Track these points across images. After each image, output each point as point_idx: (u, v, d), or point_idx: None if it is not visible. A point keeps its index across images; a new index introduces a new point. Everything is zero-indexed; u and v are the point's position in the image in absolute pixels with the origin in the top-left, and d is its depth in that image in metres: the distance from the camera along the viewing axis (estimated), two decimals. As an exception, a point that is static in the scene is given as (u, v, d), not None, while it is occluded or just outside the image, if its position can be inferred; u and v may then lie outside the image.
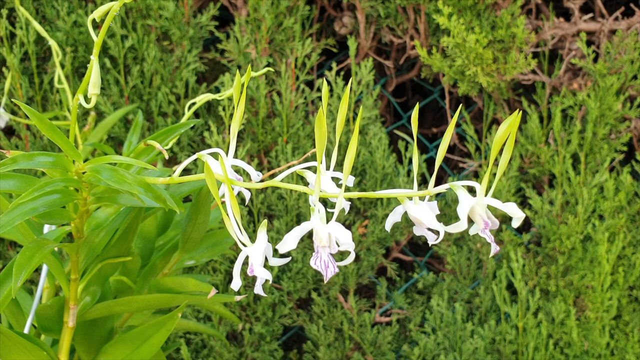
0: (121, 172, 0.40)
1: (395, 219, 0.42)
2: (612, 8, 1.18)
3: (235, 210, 0.39)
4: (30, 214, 0.39)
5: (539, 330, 1.01)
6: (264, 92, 1.06)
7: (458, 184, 0.41)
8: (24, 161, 0.39)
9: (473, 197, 0.40)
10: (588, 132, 1.06)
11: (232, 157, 0.44)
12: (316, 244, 0.38)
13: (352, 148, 0.38)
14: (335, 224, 0.38)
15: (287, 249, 0.38)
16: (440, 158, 0.41)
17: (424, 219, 0.40)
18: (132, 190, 0.39)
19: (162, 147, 0.41)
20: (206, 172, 0.37)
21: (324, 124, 0.37)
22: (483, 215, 0.41)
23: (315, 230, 0.38)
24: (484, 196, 0.40)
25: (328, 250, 0.38)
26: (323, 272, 0.37)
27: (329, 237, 0.38)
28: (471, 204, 0.40)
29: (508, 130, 0.39)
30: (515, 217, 0.41)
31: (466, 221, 0.40)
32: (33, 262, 0.41)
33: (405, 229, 1.10)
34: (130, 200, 0.44)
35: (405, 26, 1.15)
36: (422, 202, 0.41)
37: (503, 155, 0.40)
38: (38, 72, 1.07)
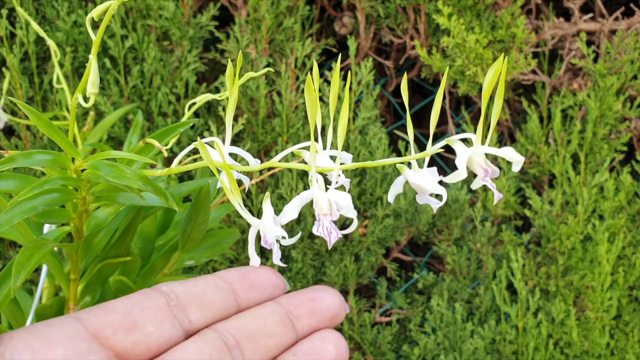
0: (120, 167, 0.40)
1: (397, 190, 0.43)
2: (612, 8, 1.18)
3: (235, 192, 0.40)
4: (29, 213, 0.39)
5: (539, 330, 1.01)
6: (264, 92, 1.06)
7: (455, 137, 0.42)
8: (22, 159, 0.39)
9: (470, 148, 0.41)
10: (588, 132, 1.06)
11: (228, 145, 0.44)
12: (317, 212, 0.38)
13: (343, 116, 0.38)
14: (334, 190, 0.39)
15: (287, 220, 0.39)
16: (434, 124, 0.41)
17: (425, 184, 0.41)
18: (132, 184, 0.39)
19: (161, 145, 0.41)
20: (203, 154, 0.38)
21: (313, 91, 0.37)
22: (482, 163, 0.41)
23: (315, 198, 0.39)
24: (480, 145, 0.41)
25: (330, 217, 0.39)
26: (326, 237, 0.38)
27: (329, 204, 0.39)
28: (469, 154, 0.41)
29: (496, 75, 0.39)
30: (514, 161, 0.41)
31: (465, 170, 0.40)
32: (32, 262, 0.41)
33: (405, 229, 1.10)
34: (129, 199, 0.44)
35: (405, 26, 1.15)
36: (422, 169, 0.42)
37: (495, 104, 0.40)
38: (38, 72, 1.07)
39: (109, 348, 0.35)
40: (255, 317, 0.39)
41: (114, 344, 0.35)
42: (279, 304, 0.40)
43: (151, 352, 0.36)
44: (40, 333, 0.34)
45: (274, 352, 0.39)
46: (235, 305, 0.40)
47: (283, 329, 0.39)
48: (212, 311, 0.39)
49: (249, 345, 0.38)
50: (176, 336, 0.37)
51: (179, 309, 0.38)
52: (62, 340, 0.34)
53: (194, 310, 0.38)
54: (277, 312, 0.40)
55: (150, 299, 0.37)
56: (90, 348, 0.34)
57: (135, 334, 0.36)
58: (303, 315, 0.40)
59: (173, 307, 0.38)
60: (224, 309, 0.39)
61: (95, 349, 0.34)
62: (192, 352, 0.36)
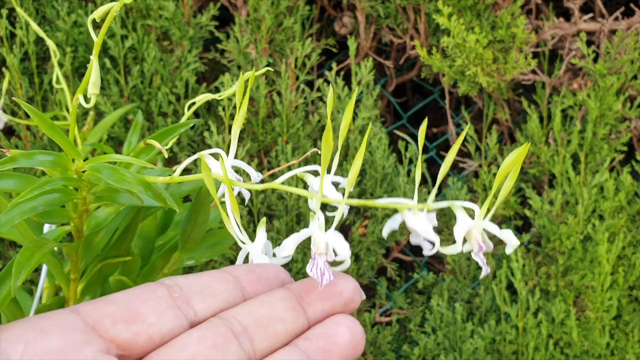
0: (121, 171, 0.40)
1: (393, 227, 0.43)
2: (612, 8, 1.18)
3: (234, 210, 0.40)
4: (30, 213, 0.39)
5: (539, 330, 1.01)
6: (264, 92, 1.06)
7: (458, 204, 0.41)
8: (24, 159, 0.39)
9: (471, 220, 0.40)
10: (588, 132, 1.06)
11: (232, 158, 0.44)
12: (313, 250, 0.38)
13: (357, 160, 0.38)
14: (333, 233, 0.38)
15: (285, 255, 0.39)
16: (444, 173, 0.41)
17: (421, 231, 0.40)
18: (132, 189, 0.39)
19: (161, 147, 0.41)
20: (203, 170, 0.38)
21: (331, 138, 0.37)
22: (479, 238, 0.41)
23: (313, 237, 0.38)
24: (482, 220, 0.40)
25: (325, 257, 0.38)
26: (319, 279, 0.37)
27: (327, 246, 0.38)
28: (468, 227, 0.40)
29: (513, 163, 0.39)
30: (510, 244, 0.41)
31: (461, 244, 0.40)
32: (32, 262, 0.41)
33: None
34: (129, 200, 0.44)
35: (405, 26, 1.15)
36: (421, 212, 0.41)
37: (505, 184, 0.40)
38: (38, 72, 1.07)
39: (108, 339, 0.34)
40: (264, 303, 0.37)
41: (114, 336, 0.34)
42: (289, 289, 0.38)
43: (154, 343, 0.35)
44: (34, 324, 0.32)
45: (284, 338, 0.37)
46: (241, 298, 0.38)
47: (294, 315, 0.37)
48: (217, 303, 0.37)
49: (258, 332, 0.36)
50: (180, 327, 0.36)
51: (183, 300, 0.37)
52: (58, 331, 0.32)
53: (199, 301, 0.37)
54: (287, 297, 0.38)
55: (152, 291, 0.36)
56: (88, 338, 0.33)
57: (136, 325, 0.34)
58: (315, 301, 0.38)
59: (176, 299, 0.36)
60: (230, 301, 0.38)
61: (92, 340, 0.33)
62: (195, 339, 0.35)
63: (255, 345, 0.36)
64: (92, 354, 0.32)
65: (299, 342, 0.37)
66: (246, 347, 0.36)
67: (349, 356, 0.37)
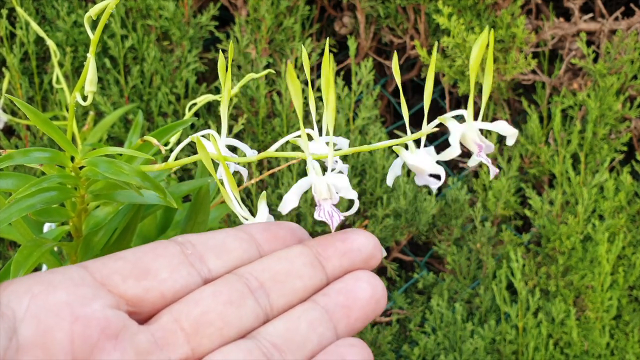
0: (118, 163, 0.40)
1: (395, 173, 0.42)
2: (612, 8, 1.18)
3: (232, 187, 0.39)
4: (27, 211, 0.39)
5: (539, 330, 1.01)
6: (263, 92, 1.06)
7: (447, 115, 0.41)
8: (20, 157, 0.39)
9: (462, 125, 0.40)
10: (588, 132, 1.06)
11: (225, 137, 0.44)
12: (317, 198, 0.38)
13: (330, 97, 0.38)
14: (331, 173, 0.38)
15: (288, 209, 0.38)
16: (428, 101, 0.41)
17: (423, 165, 0.40)
18: (130, 180, 0.39)
19: (158, 143, 0.41)
20: (199, 149, 0.37)
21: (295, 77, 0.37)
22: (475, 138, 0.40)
23: (313, 184, 0.38)
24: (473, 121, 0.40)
25: (330, 201, 0.38)
26: (329, 221, 0.37)
27: (329, 189, 0.38)
28: (462, 130, 0.40)
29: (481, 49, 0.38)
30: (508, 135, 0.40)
31: (458, 146, 0.39)
32: (31, 261, 0.41)
33: (405, 229, 1.10)
34: (128, 197, 0.44)
35: (405, 26, 1.15)
36: (419, 149, 0.41)
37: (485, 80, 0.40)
38: (38, 72, 1.07)
39: (118, 295, 0.32)
40: (281, 259, 0.36)
41: (124, 291, 0.32)
42: (306, 246, 0.37)
43: (166, 299, 0.33)
44: (41, 278, 0.31)
45: (302, 294, 0.36)
46: (257, 255, 0.37)
47: (312, 270, 0.36)
48: (232, 260, 0.36)
49: (275, 287, 0.35)
50: (194, 283, 0.34)
51: (196, 257, 0.35)
52: (66, 285, 0.31)
53: (213, 258, 0.35)
54: (305, 253, 0.36)
55: (164, 248, 0.35)
56: (97, 293, 0.31)
57: (147, 281, 0.33)
58: (333, 256, 0.36)
59: (189, 256, 0.35)
60: (245, 259, 0.36)
61: (101, 294, 0.31)
62: (209, 295, 0.33)
63: (272, 301, 0.35)
64: (101, 308, 0.31)
65: (318, 298, 0.36)
66: (263, 303, 0.35)
67: (370, 312, 0.36)
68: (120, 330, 0.31)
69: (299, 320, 0.35)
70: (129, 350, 0.30)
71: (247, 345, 0.33)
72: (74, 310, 0.30)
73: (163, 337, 0.32)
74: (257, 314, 0.34)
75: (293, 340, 0.34)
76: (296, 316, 0.35)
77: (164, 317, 0.33)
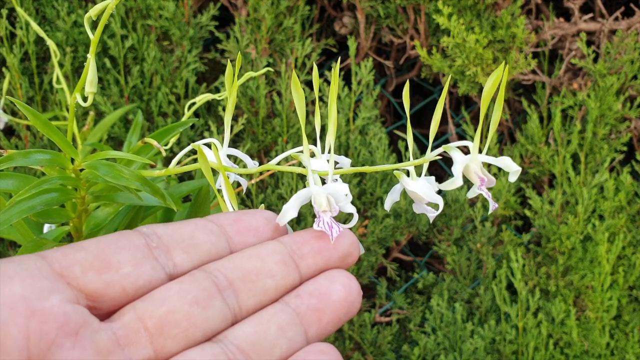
0: (118, 167, 0.40)
1: (394, 198, 0.42)
2: (612, 8, 1.18)
3: (231, 197, 0.39)
4: (28, 212, 0.39)
5: (539, 330, 1.01)
6: (263, 92, 1.06)
7: (452, 145, 0.41)
8: (21, 159, 0.39)
9: (466, 155, 0.40)
10: (588, 132, 1.06)
11: (227, 147, 0.44)
12: (316, 209, 0.38)
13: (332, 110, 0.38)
14: (331, 183, 0.38)
15: (287, 219, 0.38)
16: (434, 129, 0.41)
17: (422, 193, 0.40)
18: (130, 185, 0.39)
19: (159, 145, 0.41)
20: (200, 158, 0.37)
21: (299, 87, 0.37)
22: (478, 171, 0.40)
23: (313, 195, 0.38)
24: (477, 153, 0.40)
25: (329, 213, 0.38)
26: (328, 232, 0.37)
27: (328, 200, 0.38)
28: (465, 162, 0.40)
29: (494, 85, 0.38)
30: (511, 172, 0.40)
31: (461, 178, 0.39)
32: (32, 262, 0.41)
33: (405, 229, 1.10)
34: (128, 199, 0.44)
35: (405, 26, 1.15)
36: (419, 177, 0.41)
37: (494, 115, 0.40)
38: (38, 72, 1.07)
39: (77, 288, 0.30)
40: (252, 257, 0.34)
41: (84, 284, 0.30)
42: (280, 242, 0.35)
43: (128, 295, 0.31)
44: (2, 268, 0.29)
45: (274, 294, 0.34)
46: (227, 250, 0.35)
47: (284, 269, 0.34)
48: (200, 254, 0.34)
49: (244, 287, 0.33)
50: (157, 279, 0.32)
51: (161, 250, 0.33)
52: (22, 276, 0.29)
53: (179, 252, 0.33)
54: (278, 250, 0.35)
55: (128, 239, 0.33)
56: (55, 286, 0.29)
57: (108, 274, 0.31)
58: (308, 255, 0.35)
59: (154, 249, 0.33)
60: (213, 253, 0.35)
61: (60, 288, 0.29)
62: (175, 293, 0.32)
63: (242, 302, 0.33)
64: (59, 303, 0.29)
65: (290, 299, 0.34)
66: (231, 303, 0.33)
67: (343, 315, 0.34)
68: (80, 326, 0.29)
69: (269, 324, 0.33)
70: (89, 348, 0.29)
71: (212, 349, 0.32)
72: (30, 304, 0.28)
73: (125, 336, 0.30)
74: (225, 315, 0.33)
75: (261, 345, 0.33)
76: (266, 319, 0.33)
77: (127, 314, 0.31)
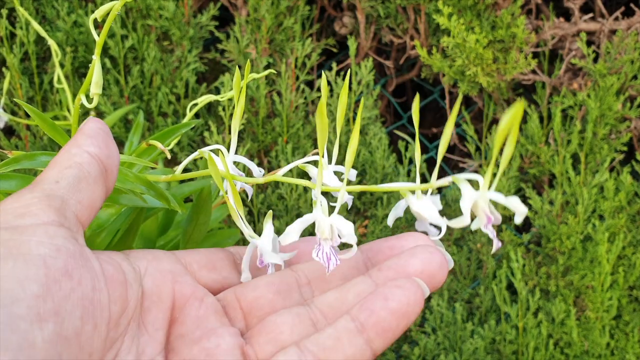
0: (124, 170, 0.40)
1: (397, 214, 0.42)
2: (612, 8, 1.18)
3: (238, 205, 0.40)
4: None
5: (539, 330, 1.01)
6: (264, 92, 1.06)
7: (461, 176, 0.39)
8: (27, 161, 0.39)
9: (476, 191, 0.39)
10: (588, 132, 1.06)
11: (233, 154, 0.44)
12: (318, 236, 0.38)
13: (353, 141, 0.38)
14: (337, 216, 0.38)
15: (289, 241, 0.38)
16: (442, 153, 0.40)
17: (427, 214, 0.40)
18: (135, 188, 0.39)
19: (164, 147, 0.41)
20: (210, 165, 0.38)
21: (325, 115, 0.37)
22: (486, 209, 0.39)
23: (317, 222, 0.38)
24: (487, 190, 0.39)
25: (330, 242, 0.38)
26: (325, 264, 0.37)
27: (331, 229, 0.38)
28: (474, 198, 0.39)
29: (510, 123, 0.37)
30: (518, 213, 0.39)
31: (469, 216, 0.38)
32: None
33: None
34: (132, 201, 0.44)
35: (405, 26, 1.15)
36: (425, 196, 0.41)
37: (505, 151, 0.38)
38: (38, 72, 1.07)
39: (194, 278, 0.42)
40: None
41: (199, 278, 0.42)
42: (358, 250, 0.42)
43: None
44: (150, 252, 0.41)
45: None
46: None
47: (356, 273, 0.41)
48: None
49: (319, 285, 0.41)
50: None
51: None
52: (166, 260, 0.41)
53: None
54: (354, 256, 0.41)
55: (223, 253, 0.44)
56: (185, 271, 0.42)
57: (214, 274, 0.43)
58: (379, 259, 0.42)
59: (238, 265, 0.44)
60: None
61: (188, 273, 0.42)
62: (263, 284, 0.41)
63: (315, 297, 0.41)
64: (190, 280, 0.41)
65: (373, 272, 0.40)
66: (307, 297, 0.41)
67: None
68: (204, 296, 0.41)
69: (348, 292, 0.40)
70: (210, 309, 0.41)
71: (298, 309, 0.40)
72: (174, 276, 0.41)
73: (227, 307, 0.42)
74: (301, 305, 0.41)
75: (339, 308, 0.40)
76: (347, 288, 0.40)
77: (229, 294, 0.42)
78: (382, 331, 0.37)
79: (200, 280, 0.42)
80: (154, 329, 0.39)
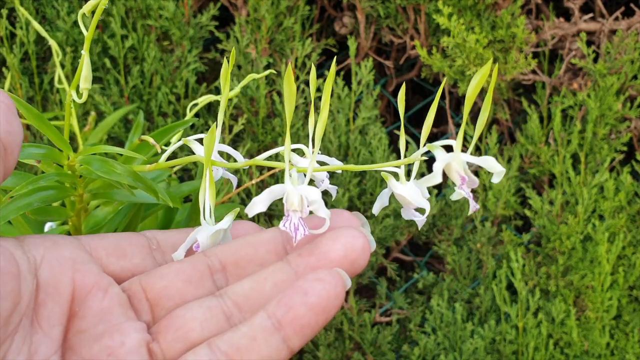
0: (111, 162, 0.40)
1: (383, 202, 0.42)
2: (612, 8, 1.18)
3: (211, 193, 0.39)
4: (25, 209, 0.39)
5: (539, 330, 1.01)
6: (263, 92, 1.06)
7: (436, 144, 0.40)
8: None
9: (448, 154, 0.40)
10: (588, 132, 1.06)
11: (217, 142, 0.44)
12: (287, 207, 0.37)
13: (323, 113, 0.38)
14: (306, 186, 0.38)
15: (256, 211, 0.37)
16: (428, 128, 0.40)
17: (411, 197, 0.40)
18: (122, 180, 0.39)
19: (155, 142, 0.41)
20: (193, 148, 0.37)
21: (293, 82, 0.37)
22: (460, 171, 0.40)
23: (286, 192, 0.38)
24: (460, 152, 0.40)
25: (299, 214, 0.37)
26: (292, 234, 0.36)
27: (301, 201, 0.37)
28: (447, 160, 0.39)
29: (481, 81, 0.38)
30: (495, 173, 0.40)
31: (440, 175, 0.39)
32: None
33: (405, 229, 1.10)
34: (125, 196, 0.44)
35: (405, 26, 1.15)
36: (408, 182, 0.41)
37: (480, 117, 0.39)
38: (38, 72, 1.07)
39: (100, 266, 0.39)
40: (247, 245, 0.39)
41: (105, 265, 0.39)
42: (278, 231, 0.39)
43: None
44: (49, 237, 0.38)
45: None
46: None
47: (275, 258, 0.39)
48: None
49: (235, 271, 0.39)
50: None
51: (158, 252, 0.40)
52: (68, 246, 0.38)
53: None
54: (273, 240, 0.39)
55: (136, 238, 0.40)
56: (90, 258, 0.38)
57: (124, 261, 0.39)
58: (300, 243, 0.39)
59: (153, 250, 0.40)
60: None
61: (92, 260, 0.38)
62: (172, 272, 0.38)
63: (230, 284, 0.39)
64: (94, 267, 0.38)
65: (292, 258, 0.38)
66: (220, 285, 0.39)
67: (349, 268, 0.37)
68: (108, 285, 0.37)
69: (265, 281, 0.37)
70: (115, 301, 0.37)
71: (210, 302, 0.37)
72: (75, 264, 0.37)
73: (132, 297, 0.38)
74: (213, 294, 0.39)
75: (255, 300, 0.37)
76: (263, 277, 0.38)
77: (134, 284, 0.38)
78: (300, 328, 0.35)
79: (107, 268, 0.38)
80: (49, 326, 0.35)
